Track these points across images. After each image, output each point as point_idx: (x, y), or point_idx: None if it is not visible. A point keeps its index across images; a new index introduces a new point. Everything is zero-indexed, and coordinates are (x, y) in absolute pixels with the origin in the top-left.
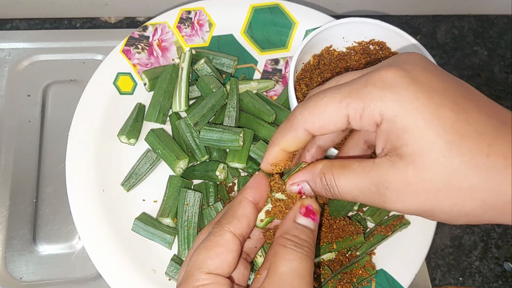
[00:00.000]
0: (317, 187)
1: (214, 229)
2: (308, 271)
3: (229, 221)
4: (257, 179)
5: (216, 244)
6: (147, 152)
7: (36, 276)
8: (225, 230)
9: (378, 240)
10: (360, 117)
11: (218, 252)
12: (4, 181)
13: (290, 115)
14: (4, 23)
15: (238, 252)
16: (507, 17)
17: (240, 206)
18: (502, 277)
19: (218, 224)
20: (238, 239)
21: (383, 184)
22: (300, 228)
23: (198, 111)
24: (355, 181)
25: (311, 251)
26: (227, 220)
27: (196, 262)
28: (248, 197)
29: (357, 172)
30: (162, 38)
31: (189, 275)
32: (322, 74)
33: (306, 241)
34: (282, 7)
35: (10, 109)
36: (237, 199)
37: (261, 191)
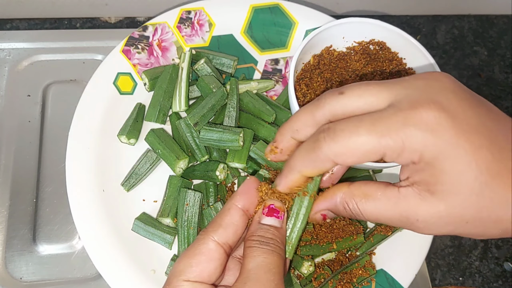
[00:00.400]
0: (341, 214)
1: (199, 237)
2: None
3: (215, 229)
4: (247, 184)
5: (198, 252)
6: (147, 152)
7: (36, 276)
8: (209, 238)
9: (378, 240)
10: (398, 156)
11: (199, 261)
12: (4, 181)
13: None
14: (4, 23)
15: (222, 261)
16: (507, 17)
17: (228, 213)
18: (502, 277)
19: (204, 231)
20: (222, 247)
21: (414, 216)
22: (265, 228)
23: (198, 111)
24: (381, 211)
25: (278, 247)
26: (213, 228)
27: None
28: (237, 203)
29: (383, 201)
30: (162, 38)
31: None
32: (322, 74)
33: (271, 239)
34: (282, 7)
35: (10, 109)
36: (226, 206)
37: (252, 198)
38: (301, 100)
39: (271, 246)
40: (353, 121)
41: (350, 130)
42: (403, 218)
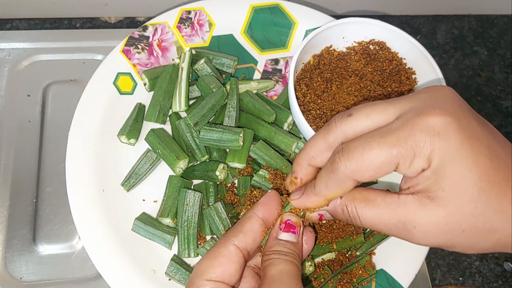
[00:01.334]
0: (338, 216)
1: (219, 241)
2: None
3: (235, 234)
4: (269, 197)
5: (219, 254)
6: (147, 152)
7: (36, 276)
8: (230, 242)
9: (378, 240)
10: (409, 165)
11: (220, 262)
12: (4, 181)
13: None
14: (4, 23)
15: (241, 264)
16: (507, 17)
17: (248, 221)
18: (502, 277)
19: (225, 236)
20: (242, 252)
21: (411, 223)
22: (282, 243)
23: (198, 111)
24: (379, 217)
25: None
26: (233, 233)
27: (198, 271)
28: (258, 213)
29: (382, 207)
30: (162, 38)
31: (190, 282)
32: (322, 74)
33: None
34: (282, 7)
35: (10, 109)
36: (247, 214)
37: (272, 209)
38: (301, 100)
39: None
40: (364, 138)
41: (363, 146)
42: (400, 224)
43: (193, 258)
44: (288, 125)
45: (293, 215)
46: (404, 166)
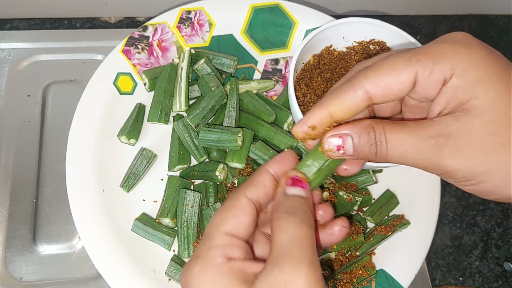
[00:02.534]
0: (361, 143)
1: (231, 195)
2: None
3: (246, 186)
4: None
5: (232, 206)
6: (142, 151)
7: (36, 276)
8: (241, 194)
9: (378, 240)
10: (430, 73)
11: (234, 213)
12: (4, 181)
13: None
14: (4, 23)
15: (254, 216)
16: (507, 17)
17: (259, 175)
18: (502, 277)
19: (236, 190)
20: (254, 204)
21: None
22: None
23: (199, 113)
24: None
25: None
26: (245, 186)
27: (213, 223)
28: (269, 168)
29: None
30: (162, 38)
31: (207, 235)
32: (322, 74)
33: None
34: (282, 7)
35: (10, 109)
36: (259, 169)
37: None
38: (301, 100)
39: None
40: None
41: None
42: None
43: None
44: (288, 125)
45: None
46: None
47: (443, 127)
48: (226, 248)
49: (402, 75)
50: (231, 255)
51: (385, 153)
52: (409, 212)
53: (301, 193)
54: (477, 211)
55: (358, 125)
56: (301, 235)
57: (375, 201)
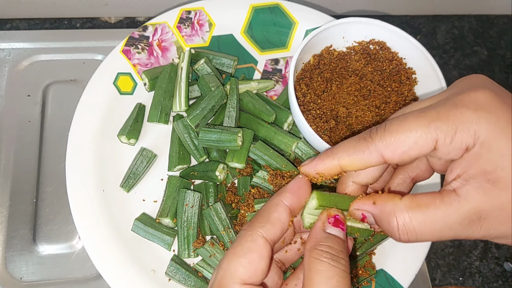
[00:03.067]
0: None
1: (245, 232)
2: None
3: (262, 225)
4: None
5: (248, 250)
6: (142, 151)
7: (36, 276)
8: (258, 234)
9: (378, 240)
10: (451, 141)
11: (251, 259)
12: (4, 181)
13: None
14: (4, 23)
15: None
16: (507, 17)
17: (275, 209)
18: (502, 277)
19: (250, 227)
20: (270, 244)
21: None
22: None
23: (199, 113)
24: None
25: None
26: (260, 223)
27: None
28: (285, 201)
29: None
30: (162, 38)
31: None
32: (322, 74)
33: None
34: (282, 7)
35: (10, 109)
36: (274, 201)
37: (300, 198)
38: (301, 100)
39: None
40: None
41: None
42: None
43: (193, 258)
44: (288, 125)
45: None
46: (444, 142)
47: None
48: None
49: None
50: None
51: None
52: None
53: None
54: None
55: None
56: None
57: None
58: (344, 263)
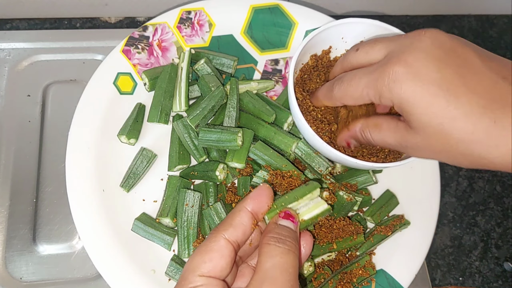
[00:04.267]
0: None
1: (210, 235)
2: (291, 264)
3: (225, 228)
4: (260, 190)
5: (210, 249)
6: (142, 151)
7: (36, 276)
8: (220, 236)
9: (378, 240)
10: (379, 101)
11: (211, 257)
12: (4, 181)
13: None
14: (4, 23)
15: (232, 258)
16: (507, 17)
17: (238, 215)
18: (502, 277)
19: (215, 230)
20: (232, 245)
21: (404, 142)
22: (281, 227)
23: (199, 113)
24: (385, 138)
25: (294, 246)
26: (224, 227)
27: (190, 266)
28: (247, 207)
29: (386, 130)
30: (162, 38)
31: (183, 278)
32: (321, 75)
33: (288, 236)
34: (282, 8)
35: (10, 109)
36: (237, 208)
37: (262, 203)
38: (300, 100)
39: (287, 244)
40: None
41: (348, 82)
42: (397, 143)
43: None
44: (288, 125)
45: (291, 209)
46: (375, 101)
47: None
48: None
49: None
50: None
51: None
52: (409, 212)
53: (290, 225)
54: (477, 211)
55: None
56: (287, 263)
57: (375, 201)
58: (289, 244)
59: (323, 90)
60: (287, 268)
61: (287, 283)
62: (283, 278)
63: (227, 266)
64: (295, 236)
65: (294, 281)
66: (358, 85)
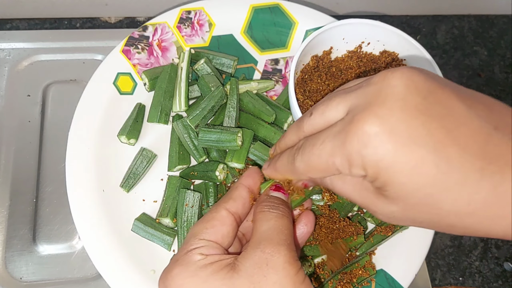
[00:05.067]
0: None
1: (211, 208)
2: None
3: (225, 200)
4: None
5: (211, 218)
6: (142, 151)
7: (36, 276)
8: (221, 207)
9: (378, 240)
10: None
11: (213, 224)
12: (4, 181)
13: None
14: (4, 23)
15: (233, 227)
16: (507, 17)
17: (236, 189)
18: (502, 277)
19: (216, 204)
20: (233, 215)
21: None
22: (273, 197)
23: (199, 114)
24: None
25: (287, 211)
26: (224, 200)
27: (192, 232)
28: (244, 183)
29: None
30: (162, 38)
31: (185, 242)
32: (322, 76)
33: (280, 203)
34: (282, 7)
35: (10, 109)
36: (234, 185)
37: (255, 180)
38: (300, 101)
39: (280, 210)
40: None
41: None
42: (364, 206)
43: None
44: (288, 125)
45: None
46: (344, 172)
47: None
48: (203, 248)
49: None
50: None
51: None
52: None
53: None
54: None
55: None
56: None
57: None
58: (282, 209)
59: (283, 160)
60: (283, 230)
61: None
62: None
63: (228, 234)
64: (287, 204)
65: (290, 240)
66: (321, 153)
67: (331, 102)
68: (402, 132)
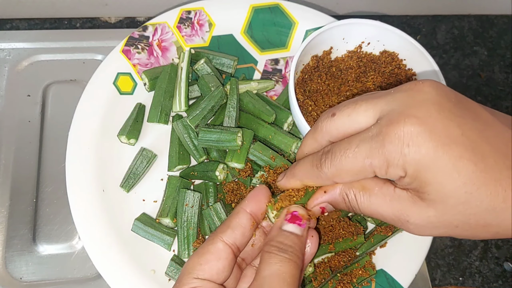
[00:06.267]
0: (339, 206)
1: (208, 238)
2: (290, 274)
3: (223, 230)
4: (257, 190)
5: (207, 251)
6: (142, 151)
7: (36, 276)
8: (218, 238)
9: (378, 240)
10: (386, 173)
11: (207, 259)
12: (4, 181)
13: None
14: (4, 23)
15: (230, 261)
16: (507, 17)
17: (236, 217)
18: (502, 277)
19: (213, 233)
20: (231, 247)
21: (405, 217)
22: (285, 234)
23: (199, 114)
24: (376, 206)
25: (296, 256)
26: (222, 229)
27: (186, 269)
28: (245, 208)
29: (379, 197)
30: (162, 38)
31: (179, 280)
32: (322, 75)
33: (290, 246)
34: (282, 7)
35: (10, 109)
36: (235, 210)
37: (260, 203)
38: (301, 101)
39: (289, 254)
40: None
41: (342, 154)
42: (395, 217)
43: None
44: (288, 126)
45: (301, 207)
46: (380, 173)
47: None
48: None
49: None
50: None
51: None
52: None
53: (297, 231)
54: None
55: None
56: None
57: None
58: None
59: (305, 165)
60: (285, 278)
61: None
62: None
63: (224, 269)
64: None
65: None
66: (357, 156)
67: (357, 106)
68: (441, 132)
